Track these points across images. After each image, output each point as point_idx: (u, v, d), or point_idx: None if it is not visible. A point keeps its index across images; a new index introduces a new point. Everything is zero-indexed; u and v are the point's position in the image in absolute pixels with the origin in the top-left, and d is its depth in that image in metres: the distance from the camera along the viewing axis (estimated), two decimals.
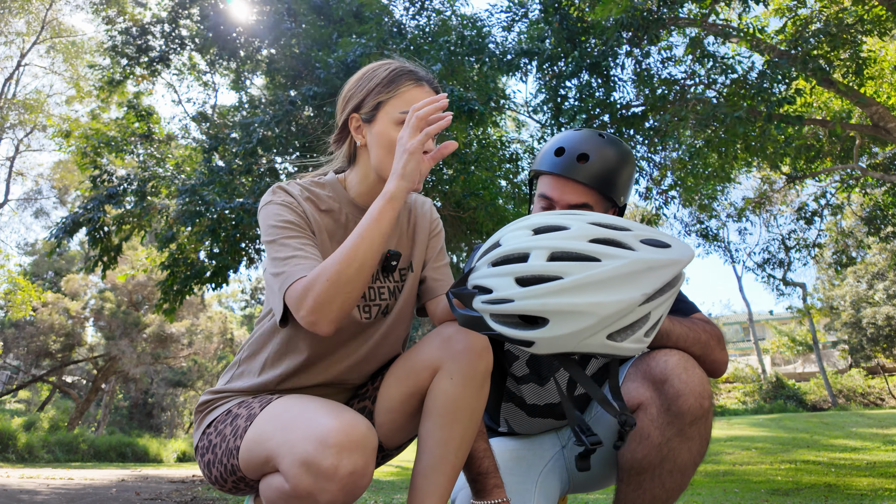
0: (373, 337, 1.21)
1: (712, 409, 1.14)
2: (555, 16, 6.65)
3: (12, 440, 12.87)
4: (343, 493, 0.90)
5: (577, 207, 1.32)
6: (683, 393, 1.10)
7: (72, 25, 18.07)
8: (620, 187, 1.34)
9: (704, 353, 1.22)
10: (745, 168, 9.95)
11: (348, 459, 0.89)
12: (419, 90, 1.17)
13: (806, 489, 4.56)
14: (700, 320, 1.29)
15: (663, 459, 1.13)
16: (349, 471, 0.89)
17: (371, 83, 1.20)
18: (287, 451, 0.93)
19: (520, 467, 1.35)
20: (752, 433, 11.45)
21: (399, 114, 1.15)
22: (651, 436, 1.13)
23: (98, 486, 5.53)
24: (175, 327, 19.03)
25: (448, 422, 1.07)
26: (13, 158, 19.08)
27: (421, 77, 1.19)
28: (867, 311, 20.52)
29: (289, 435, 0.95)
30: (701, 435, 1.13)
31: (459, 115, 6.10)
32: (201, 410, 1.21)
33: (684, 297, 1.39)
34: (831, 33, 6.07)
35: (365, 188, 1.24)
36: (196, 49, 9.44)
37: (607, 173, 1.31)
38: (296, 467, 0.90)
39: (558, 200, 1.33)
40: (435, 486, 1.06)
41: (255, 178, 7.04)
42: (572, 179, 1.31)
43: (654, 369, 1.16)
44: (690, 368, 1.13)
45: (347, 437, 0.91)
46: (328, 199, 1.24)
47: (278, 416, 1.02)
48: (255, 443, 1.02)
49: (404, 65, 1.22)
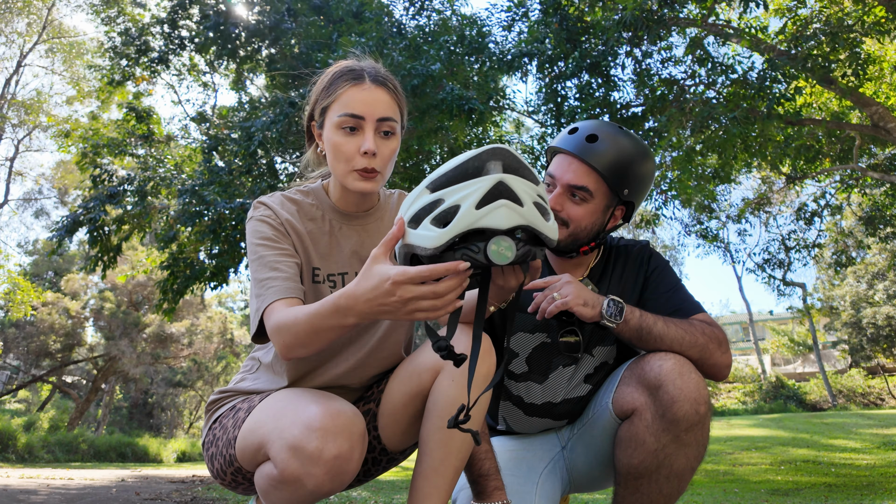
0: (370, 342, 1.22)
1: (709, 415, 1.13)
2: (554, 16, 6.65)
3: (12, 440, 12.86)
4: (329, 478, 0.91)
5: (575, 189, 1.29)
6: (678, 399, 1.09)
7: (73, 26, 18.07)
8: (629, 179, 1.30)
9: (703, 357, 1.20)
10: (745, 169, 9.95)
11: (333, 443, 0.90)
12: (356, 89, 1.14)
13: (806, 489, 4.56)
14: (700, 321, 1.27)
15: (659, 465, 1.12)
16: (334, 454, 0.90)
17: (317, 89, 1.21)
18: (276, 436, 0.95)
19: (520, 468, 1.34)
20: (752, 433, 11.44)
21: (337, 117, 1.13)
22: (646, 442, 1.12)
23: (98, 487, 5.53)
24: (175, 327, 19.03)
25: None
26: (13, 158, 19.08)
27: (360, 74, 1.16)
28: (867, 311, 20.52)
29: (279, 422, 0.97)
30: (698, 441, 1.12)
31: (459, 114, 6.11)
32: (210, 409, 1.24)
33: (687, 297, 1.36)
34: (832, 32, 6.06)
35: (340, 193, 1.25)
36: (196, 49, 9.43)
37: (615, 159, 1.28)
38: (283, 452, 0.92)
39: (559, 179, 1.31)
40: (435, 487, 1.06)
41: (255, 179, 7.04)
42: (578, 158, 1.28)
43: (648, 374, 1.15)
44: (686, 373, 1.11)
45: (332, 420, 0.92)
46: (310, 206, 1.24)
47: (272, 406, 1.05)
48: (249, 431, 1.05)
49: (348, 64, 1.20)
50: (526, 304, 1.30)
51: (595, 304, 1.19)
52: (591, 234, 1.34)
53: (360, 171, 1.14)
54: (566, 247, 1.34)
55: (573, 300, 1.18)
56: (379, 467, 1.25)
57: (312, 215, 1.24)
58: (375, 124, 1.14)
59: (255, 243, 1.15)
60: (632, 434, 1.15)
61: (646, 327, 1.20)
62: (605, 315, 1.19)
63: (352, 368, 1.21)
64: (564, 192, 1.31)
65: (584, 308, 1.18)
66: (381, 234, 1.27)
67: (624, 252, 1.44)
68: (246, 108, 8.91)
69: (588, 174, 1.28)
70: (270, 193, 1.26)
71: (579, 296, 1.19)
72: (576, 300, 1.18)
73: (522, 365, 1.39)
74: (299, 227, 1.20)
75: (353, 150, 1.13)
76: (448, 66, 6.52)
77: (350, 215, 1.26)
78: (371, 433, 1.19)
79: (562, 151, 1.33)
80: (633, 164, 1.30)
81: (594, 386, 1.39)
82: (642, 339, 1.21)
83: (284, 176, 7.72)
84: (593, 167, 1.27)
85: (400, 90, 1.22)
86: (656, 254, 1.43)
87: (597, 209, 1.31)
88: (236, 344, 22.93)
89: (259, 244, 1.14)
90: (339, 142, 1.14)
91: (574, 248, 1.35)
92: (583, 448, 1.37)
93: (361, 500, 4.06)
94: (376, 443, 1.20)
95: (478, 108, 6.05)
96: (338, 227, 1.24)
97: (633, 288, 1.39)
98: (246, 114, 8.41)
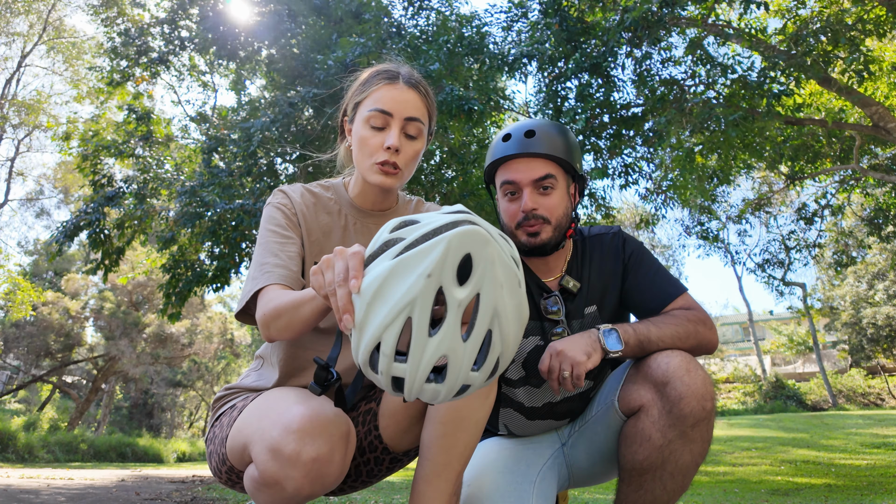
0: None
1: (714, 411, 1.14)
2: (554, 17, 6.65)
3: (12, 440, 12.86)
4: (308, 481, 0.90)
5: (541, 180, 1.32)
6: (685, 395, 1.10)
7: (72, 26, 18.05)
8: (572, 151, 1.36)
9: (699, 343, 1.24)
10: (745, 170, 9.95)
11: (311, 445, 0.88)
12: (389, 87, 1.18)
13: (806, 489, 4.56)
14: (681, 309, 1.29)
15: (665, 461, 1.13)
16: (312, 457, 0.88)
17: (354, 86, 1.25)
18: (258, 437, 0.94)
19: (518, 466, 1.34)
20: (752, 433, 11.45)
21: (367, 112, 1.17)
22: (652, 438, 1.13)
23: (98, 487, 5.54)
24: (175, 327, 19.02)
25: (451, 430, 1.06)
26: (13, 159, 19.08)
27: (395, 75, 1.20)
28: (867, 311, 20.52)
29: (261, 422, 0.97)
30: (703, 437, 1.13)
31: (458, 115, 6.11)
32: (215, 406, 1.25)
33: (669, 278, 1.37)
34: (832, 32, 6.06)
35: (359, 189, 1.28)
36: (195, 50, 9.43)
37: (556, 141, 1.33)
38: (263, 454, 0.91)
39: (521, 179, 1.33)
40: (437, 491, 1.06)
41: (255, 179, 7.04)
42: (529, 154, 1.32)
43: (655, 371, 1.16)
44: (693, 370, 1.13)
45: (311, 422, 0.90)
46: (328, 200, 1.27)
47: (259, 406, 1.05)
48: (237, 430, 1.05)
49: (386, 65, 1.23)
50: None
51: (594, 346, 1.19)
52: (569, 219, 1.37)
53: (380, 165, 1.16)
54: (557, 242, 1.35)
55: (578, 362, 1.16)
56: (382, 468, 1.23)
57: (329, 209, 1.26)
58: (402, 123, 1.17)
59: (265, 227, 1.19)
60: (638, 430, 1.16)
61: (644, 339, 1.21)
62: (609, 350, 1.19)
63: (351, 367, 1.21)
64: (533, 190, 1.33)
65: (591, 359, 1.18)
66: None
67: (598, 241, 1.44)
68: (246, 108, 8.91)
69: (545, 164, 1.33)
70: (293, 184, 1.30)
71: (577, 353, 1.18)
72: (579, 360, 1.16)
73: (519, 370, 1.39)
74: (313, 219, 1.23)
75: (378, 145, 1.16)
76: (447, 66, 6.52)
77: (367, 212, 1.28)
78: (372, 433, 1.18)
79: (511, 157, 1.35)
80: (567, 137, 1.36)
81: (592, 380, 1.39)
82: (645, 351, 1.22)
83: (284, 177, 7.72)
84: (546, 155, 1.32)
85: (432, 97, 1.25)
86: (630, 238, 1.44)
87: (563, 193, 1.36)
88: (236, 344, 22.94)
89: (268, 229, 1.18)
90: (365, 136, 1.17)
91: (562, 239, 1.36)
92: (585, 445, 1.37)
93: (361, 500, 4.06)
94: (377, 442, 1.19)
95: (477, 108, 6.06)
96: (353, 222, 1.26)
97: (613, 278, 1.39)
98: (246, 114, 8.42)
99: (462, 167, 7.18)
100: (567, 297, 1.37)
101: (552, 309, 1.34)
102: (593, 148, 7.27)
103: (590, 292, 1.38)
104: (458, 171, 7.14)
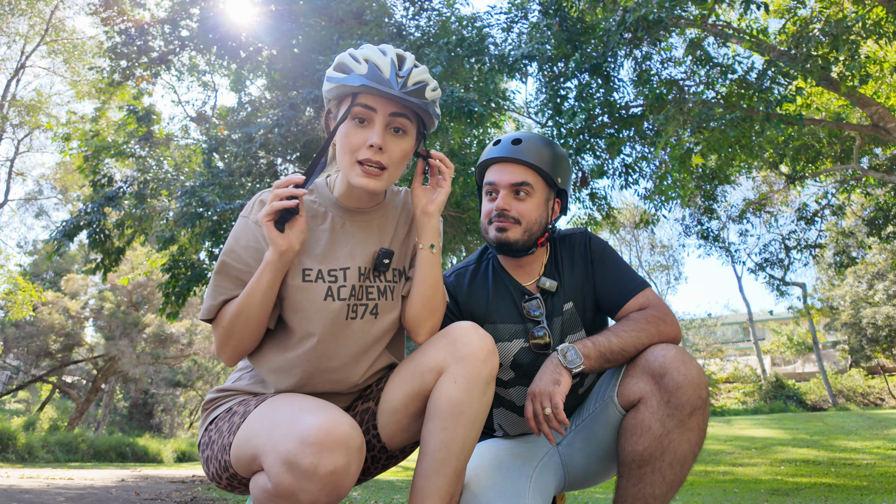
0: (363, 338, 1.19)
1: (709, 400, 1.20)
2: (555, 17, 6.65)
3: (12, 440, 12.85)
4: (325, 493, 0.89)
5: (518, 186, 1.40)
6: (683, 385, 1.15)
7: (73, 26, 18.06)
8: (556, 166, 1.42)
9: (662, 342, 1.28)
10: (745, 170, 9.95)
11: (329, 459, 0.88)
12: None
13: (806, 489, 4.57)
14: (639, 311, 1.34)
15: (664, 451, 1.16)
16: (329, 470, 0.88)
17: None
18: (270, 449, 0.93)
19: (514, 463, 1.36)
20: (752, 433, 11.45)
21: (349, 106, 1.13)
22: (652, 428, 1.17)
23: (98, 487, 5.54)
24: (175, 327, 19.02)
25: (451, 425, 1.06)
26: (13, 159, 19.07)
27: None
28: (867, 311, 20.51)
29: (273, 433, 0.95)
30: (699, 426, 1.17)
31: (459, 116, 6.12)
32: (206, 408, 1.22)
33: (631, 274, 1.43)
34: (833, 34, 6.06)
35: (345, 188, 1.22)
36: (196, 50, 9.43)
37: (541, 151, 1.41)
38: (277, 466, 0.90)
39: (499, 182, 1.42)
40: (436, 487, 1.06)
41: (255, 179, 7.04)
42: (511, 160, 1.40)
43: (652, 364, 1.21)
44: (688, 361, 1.18)
45: (328, 435, 0.89)
46: (312, 204, 1.22)
47: (267, 414, 1.03)
48: (244, 439, 1.03)
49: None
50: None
51: (558, 370, 1.25)
52: (542, 228, 1.43)
53: (363, 165, 1.09)
54: (525, 244, 1.41)
55: (555, 395, 1.22)
56: (378, 465, 1.24)
57: (314, 212, 1.21)
58: (387, 119, 1.10)
59: (230, 245, 1.17)
60: (637, 421, 1.20)
61: (605, 350, 1.26)
62: (572, 369, 1.24)
63: (344, 364, 1.20)
64: (509, 193, 1.41)
65: (561, 385, 1.23)
66: (385, 231, 1.25)
67: (568, 242, 1.52)
68: (247, 108, 8.91)
69: (524, 171, 1.41)
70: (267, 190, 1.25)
71: (546, 385, 1.23)
72: (549, 390, 1.22)
73: (508, 372, 1.43)
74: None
75: (360, 142, 1.10)
76: (448, 68, 6.52)
77: (353, 210, 1.23)
78: (370, 431, 1.19)
79: (496, 161, 1.44)
80: (553, 151, 1.43)
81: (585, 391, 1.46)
82: (610, 361, 1.27)
83: (284, 177, 7.70)
84: (527, 163, 1.40)
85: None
86: (594, 237, 1.52)
87: (539, 202, 1.42)
88: None
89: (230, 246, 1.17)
90: (346, 131, 1.11)
91: (532, 244, 1.43)
92: (582, 443, 1.39)
93: (362, 500, 4.06)
94: (375, 441, 1.19)
95: (477, 110, 6.06)
96: (340, 223, 1.21)
97: (585, 277, 1.47)
98: (246, 114, 8.41)
99: (463, 167, 7.18)
100: (546, 296, 1.43)
101: (534, 313, 1.40)
102: (593, 148, 7.28)
103: (566, 290, 1.44)
104: (459, 171, 7.14)
